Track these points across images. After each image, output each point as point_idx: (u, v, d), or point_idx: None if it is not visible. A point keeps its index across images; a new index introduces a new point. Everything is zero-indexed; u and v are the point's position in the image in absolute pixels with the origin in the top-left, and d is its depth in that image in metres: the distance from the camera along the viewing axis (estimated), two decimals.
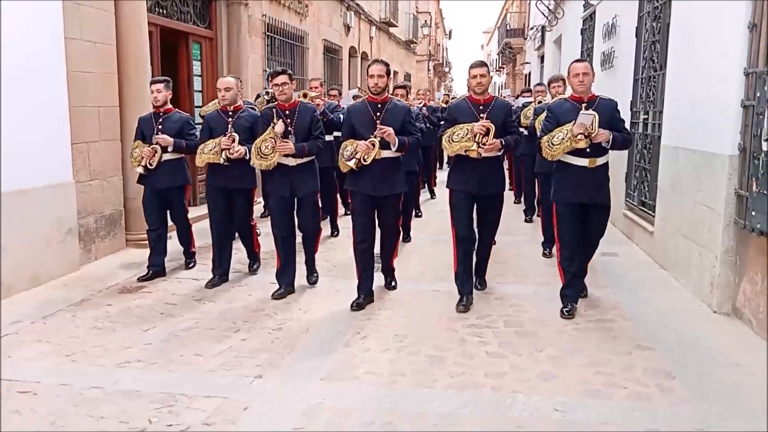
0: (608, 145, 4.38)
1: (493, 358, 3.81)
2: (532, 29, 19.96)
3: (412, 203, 7.52)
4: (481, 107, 4.63)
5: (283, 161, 4.85)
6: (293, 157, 4.85)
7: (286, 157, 4.83)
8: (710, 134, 4.77)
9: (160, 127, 5.38)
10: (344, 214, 7.92)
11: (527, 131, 7.15)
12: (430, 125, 8.48)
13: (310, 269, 5.32)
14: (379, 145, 4.56)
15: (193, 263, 5.88)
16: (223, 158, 5.03)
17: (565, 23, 13.00)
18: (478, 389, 3.39)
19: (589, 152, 4.40)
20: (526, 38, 23.39)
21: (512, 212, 8.51)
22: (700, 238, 4.90)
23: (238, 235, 5.72)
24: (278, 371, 3.62)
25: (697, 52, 5.16)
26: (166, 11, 7.93)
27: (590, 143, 4.30)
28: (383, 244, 5.06)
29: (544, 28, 16.08)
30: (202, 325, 4.39)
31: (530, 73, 21.37)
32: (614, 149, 4.49)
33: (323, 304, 4.84)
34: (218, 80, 5.42)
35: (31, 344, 4.01)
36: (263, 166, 4.84)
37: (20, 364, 3.70)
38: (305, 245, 5.21)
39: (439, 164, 12.86)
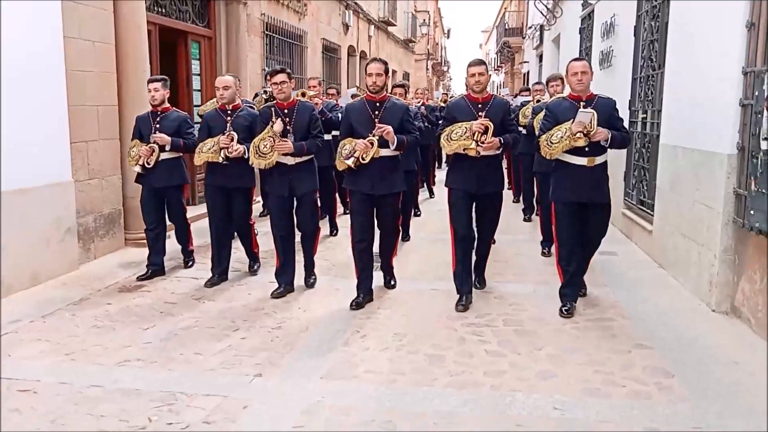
0: (607, 143, 4.38)
1: (492, 356, 3.82)
2: (530, 28, 19.97)
3: (411, 202, 7.52)
4: (479, 105, 4.62)
5: (281, 160, 4.85)
6: (292, 156, 4.84)
7: (284, 156, 4.82)
8: (709, 133, 4.78)
9: (157, 126, 5.38)
10: (343, 213, 7.92)
11: (525, 130, 7.16)
12: (428, 124, 8.48)
13: (308, 271, 5.29)
14: (377, 143, 4.55)
15: (191, 262, 5.88)
16: (221, 157, 5.03)
17: (563, 22, 13.01)
18: (477, 388, 3.40)
19: (587, 151, 4.40)
20: (524, 37, 23.39)
21: (511, 211, 8.52)
22: (698, 237, 4.91)
23: (236, 234, 5.72)
24: (278, 370, 3.62)
25: (695, 51, 5.17)
26: (164, 10, 7.92)
27: (589, 142, 4.31)
28: (382, 243, 5.06)
29: (542, 27, 16.09)
30: (201, 324, 4.39)
31: (528, 72, 21.38)
32: (613, 148, 4.49)
33: (323, 302, 4.85)
34: (216, 79, 5.42)
35: (30, 343, 4.01)
36: (262, 165, 4.83)
37: (20, 362, 3.70)
38: (304, 245, 5.20)
39: (437, 163, 12.87)
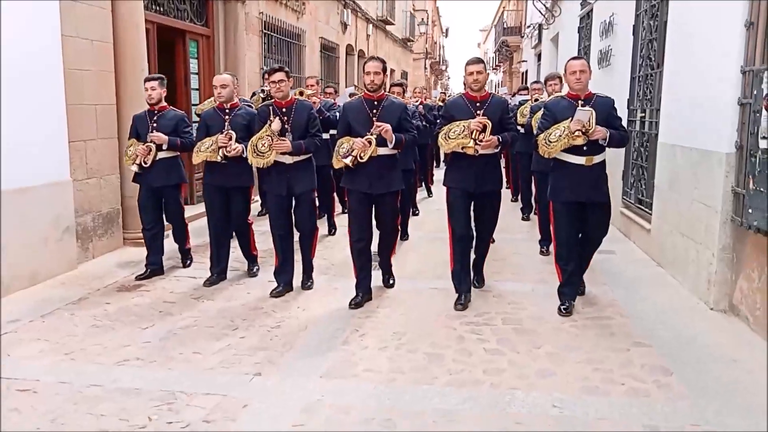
0: (605, 142, 4.37)
1: (491, 355, 3.83)
2: (529, 27, 19.98)
3: (409, 201, 7.52)
4: (477, 104, 4.61)
5: (279, 159, 4.83)
6: (290, 154, 4.83)
7: (282, 155, 4.81)
8: (708, 132, 4.79)
9: (154, 125, 5.36)
10: (341, 212, 7.92)
11: (524, 129, 7.16)
12: (426, 123, 8.48)
13: (306, 275, 5.20)
14: (375, 142, 4.54)
15: (189, 261, 5.87)
16: (220, 156, 5.02)
17: (562, 21, 13.02)
18: (476, 386, 3.41)
19: (586, 150, 4.40)
20: (522, 36, 23.39)
21: (509, 210, 8.53)
22: (697, 235, 4.92)
23: (235, 233, 5.72)
24: (277, 369, 3.63)
25: (694, 50, 5.17)
26: (163, 9, 7.91)
27: (587, 140, 4.31)
28: (381, 242, 5.06)
29: (541, 26, 16.09)
30: (200, 323, 4.39)
31: (527, 71, 21.38)
32: (611, 147, 4.50)
33: (321, 302, 4.85)
34: (214, 77, 5.41)
35: (29, 343, 4.01)
36: (260, 163, 4.82)
37: (19, 362, 3.70)
38: (302, 247, 5.14)
39: (436, 162, 12.87)
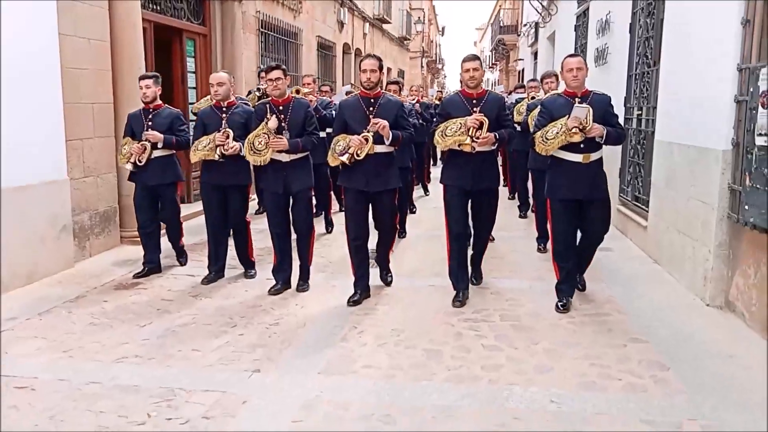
0: (602, 139, 4.38)
1: (489, 351, 3.84)
2: (525, 26, 19.99)
3: (407, 199, 7.53)
4: (474, 101, 4.61)
5: (276, 157, 4.82)
6: (287, 153, 4.82)
7: (279, 153, 4.80)
8: (704, 129, 4.81)
9: (149, 123, 5.34)
10: (338, 210, 7.92)
11: (520, 127, 7.16)
12: (422, 121, 8.48)
13: (303, 276, 5.13)
14: (372, 139, 4.54)
15: (184, 259, 5.86)
16: (217, 154, 5.02)
17: (558, 20, 13.04)
18: (475, 382, 3.42)
19: (583, 148, 4.41)
20: (519, 35, 23.41)
21: (507, 208, 8.54)
22: (693, 232, 4.94)
23: (232, 232, 5.70)
24: (276, 366, 3.63)
25: (690, 48, 5.19)
26: (159, 7, 7.90)
27: (585, 137, 4.32)
28: (380, 240, 5.06)
29: (537, 24, 16.12)
30: (198, 320, 4.39)
31: (523, 69, 21.41)
32: (608, 144, 4.50)
33: (320, 299, 4.85)
34: (211, 75, 5.40)
35: (27, 340, 4.00)
36: (256, 161, 4.81)
37: (17, 360, 3.69)
38: (299, 248, 5.10)
39: (433, 161, 12.88)
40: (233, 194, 5.29)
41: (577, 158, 4.45)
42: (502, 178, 6.41)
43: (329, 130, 6.51)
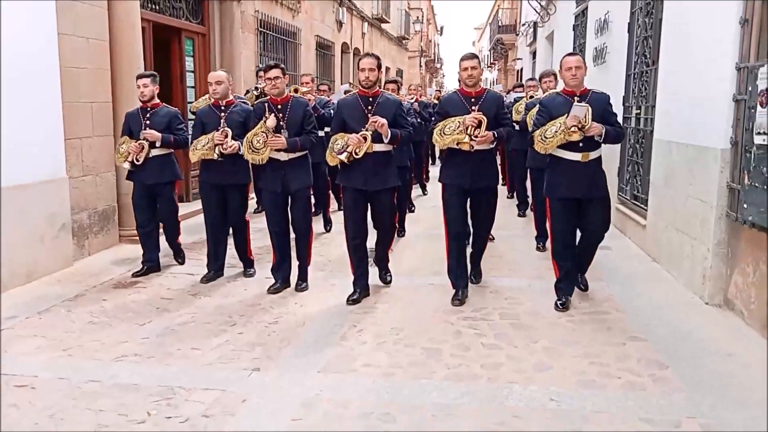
0: (601, 138, 4.38)
1: (488, 349, 3.84)
2: (523, 25, 20.00)
3: (405, 198, 7.53)
4: (472, 99, 4.60)
5: (274, 156, 4.81)
6: (285, 151, 4.81)
7: (277, 151, 4.79)
8: (703, 128, 4.81)
9: (147, 122, 5.33)
10: (337, 209, 7.93)
11: (519, 126, 7.17)
12: (421, 120, 8.49)
13: (301, 276, 5.12)
14: (371, 138, 4.54)
15: (182, 258, 5.86)
16: (216, 154, 5.01)
17: (557, 19, 13.05)
18: (474, 380, 3.42)
19: (581, 146, 4.40)
20: (517, 34, 23.43)
21: (506, 207, 8.54)
22: (692, 231, 4.95)
23: (231, 231, 5.70)
24: (275, 364, 3.63)
25: (689, 47, 5.20)
26: (158, 7, 7.90)
27: (583, 136, 4.32)
28: (379, 239, 5.06)
29: (536, 24, 16.13)
30: (198, 319, 4.39)
31: (522, 69, 21.42)
32: (607, 143, 4.51)
33: (319, 298, 4.86)
34: (209, 74, 5.39)
35: (26, 339, 4.00)
36: (255, 160, 4.80)
37: (17, 358, 3.69)
38: (298, 246, 5.09)
39: (431, 160, 12.88)
40: (232, 193, 5.29)
41: (575, 157, 4.45)
42: (500, 176, 6.41)
43: (327, 129, 6.52)
